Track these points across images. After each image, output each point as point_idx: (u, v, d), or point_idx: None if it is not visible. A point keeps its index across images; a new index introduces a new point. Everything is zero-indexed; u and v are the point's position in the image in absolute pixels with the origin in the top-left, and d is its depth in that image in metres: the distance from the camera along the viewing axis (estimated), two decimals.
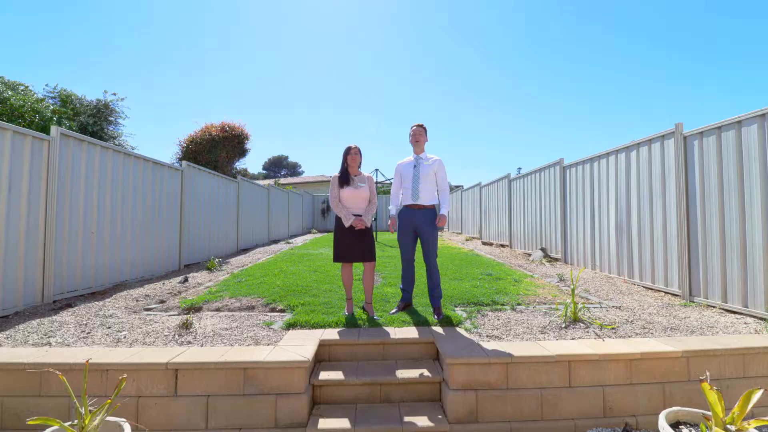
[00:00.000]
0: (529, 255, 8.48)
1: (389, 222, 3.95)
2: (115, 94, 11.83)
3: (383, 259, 7.63)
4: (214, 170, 10.70)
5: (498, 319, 3.65)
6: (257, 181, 17.59)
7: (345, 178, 3.78)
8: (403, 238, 3.84)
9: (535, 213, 8.59)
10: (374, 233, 13.92)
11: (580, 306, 3.61)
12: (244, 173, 15.52)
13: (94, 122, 10.92)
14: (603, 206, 6.06)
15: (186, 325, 3.35)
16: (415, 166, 3.80)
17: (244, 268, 6.79)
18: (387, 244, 11.58)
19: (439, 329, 3.38)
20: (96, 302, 4.42)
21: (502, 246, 10.66)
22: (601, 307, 4.13)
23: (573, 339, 3.13)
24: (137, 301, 4.54)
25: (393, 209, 4.02)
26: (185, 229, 7.09)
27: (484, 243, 11.86)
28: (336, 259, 3.78)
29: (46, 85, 11.24)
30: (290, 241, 12.78)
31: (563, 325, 3.43)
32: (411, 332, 3.30)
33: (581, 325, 3.45)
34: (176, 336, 3.20)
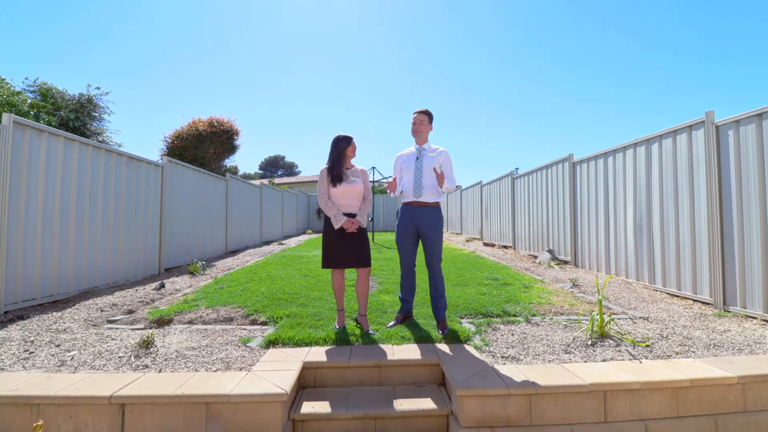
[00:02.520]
0: (535, 257, 8.00)
1: (387, 183, 3.29)
2: (98, 88, 11.24)
3: (379, 261, 7.13)
4: (201, 167, 10.15)
5: (512, 334, 3.16)
6: (252, 181, 17.06)
7: (337, 172, 3.26)
8: (402, 241, 3.34)
9: (542, 212, 8.11)
10: (371, 233, 13.44)
11: (607, 318, 3.12)
12: (234, 171, 14.94)
13: (75, 117, 10.33)
14: (619, 204, 5.58)
15: (146, 344, 2.84)
16: (417, 158, 3.30)
17: (230, 272, 6.27)
18: (384, 245, 11.07)
19: (444, 347, 2.89)
20: (54, 313, 3.90)
21: (505, 247, 10.18)
22: (627, 318, 3.64)
23: (604, 360, 2.64)
24: (102, 311, 4.02)
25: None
26: (166, 230, 6.56)
27: (485, 244, 11.38)
28: (325, 264, 3.28)
29: (26, 78, 10.65)
30: (283, 242, 12.26)
31: (589, 342, 2.94)
32: (412, 351, 2.80)
33: (610, 341, 2.96)
34: (132, 358, 2.69)
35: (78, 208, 4.76)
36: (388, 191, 3.35)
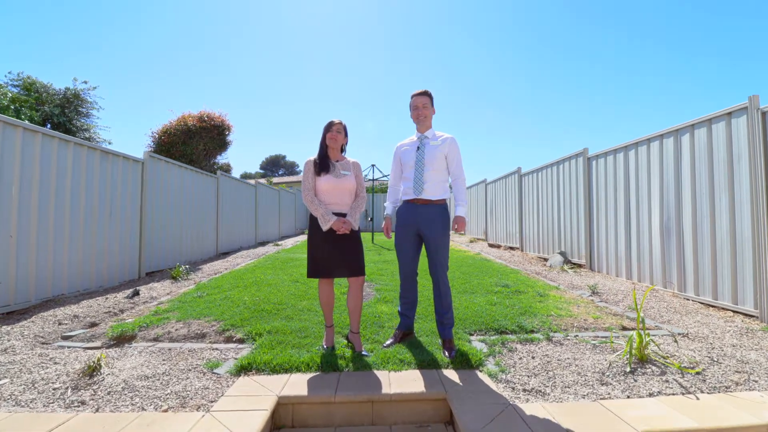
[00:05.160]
0: (546, 260, 7.48)
1: (383, 224, 2.97)
2: (86, 83, 10.76)
3: (378, 264, 6.63)
4: (190, 164, 9.65)
5: (532, 357, 2.65)
6: (248, 180, 16.57)
7: (324, 163, 2.77)
8: (402, 245, 2.84)
9: (552, 212, 7.59)
10: (371, 234, 12.91)
11: (645, 338, 2.60)
12: (227, 168, 14.44)
13: (60, 113, 9.86)
14: (642, 203, 5.06)
15: (91, 371, 2.35)
16: (418, 147, 2.81)
17: (215, 276, 5.78)
18: (384, 246, 10.56)
19: (452, 374, 2.39)
20: (5, 327, 3.41)
21: (512, 249, 9.66)
22: (666, 334, 3.12)
23: (651, 395, 2.13)
24: (60, 324, 3.53)
25: (389, 206, 3.04)
26: (147, 230, 6.07)
27: (491, 245, 10.86)
28: (311, 273, 2.79)
29: (9, 72, 10.20)
30: (279, 243, 11.78)
31: (628, 369, 2.43)
32: (412, 380, 2.30)
33: (653, 368, 2.45)
34: (69, 391, 2.19)
35: (41, 207, 4.27)
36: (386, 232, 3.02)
